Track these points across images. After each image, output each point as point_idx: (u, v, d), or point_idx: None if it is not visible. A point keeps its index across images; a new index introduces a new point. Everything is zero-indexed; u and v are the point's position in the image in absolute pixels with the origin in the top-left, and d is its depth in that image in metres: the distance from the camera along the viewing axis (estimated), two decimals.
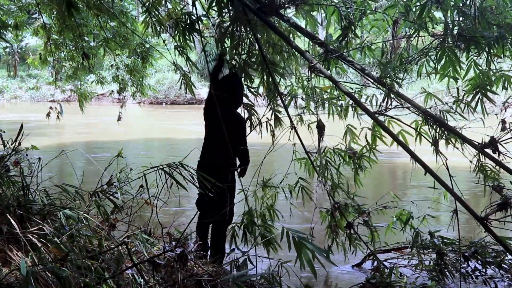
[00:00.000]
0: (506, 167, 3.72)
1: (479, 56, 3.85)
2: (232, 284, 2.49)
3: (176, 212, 5.08)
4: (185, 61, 4.82)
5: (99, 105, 25.41)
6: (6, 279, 2.33)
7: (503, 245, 3.77)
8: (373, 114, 3.87)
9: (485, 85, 3.78)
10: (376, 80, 4.05)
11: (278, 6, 4.27)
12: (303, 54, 4.25)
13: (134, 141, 13.80)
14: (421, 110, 3.99)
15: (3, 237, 2.63)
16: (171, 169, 2.75)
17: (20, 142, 3.41)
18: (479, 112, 3.83)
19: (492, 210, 3.65)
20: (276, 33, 4.37)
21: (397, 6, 3.98)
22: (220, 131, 3.87)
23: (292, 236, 2.52)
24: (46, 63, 7.39)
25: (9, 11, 6.98)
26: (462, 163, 4.02)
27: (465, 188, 5.66)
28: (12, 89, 31.51)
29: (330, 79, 4.08)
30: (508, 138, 3.68)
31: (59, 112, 6.69)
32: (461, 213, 3.81)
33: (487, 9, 3.73)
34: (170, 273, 2.88)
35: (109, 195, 3.38)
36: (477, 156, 3.91)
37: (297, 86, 4.50)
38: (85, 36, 6.69)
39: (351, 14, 4.28)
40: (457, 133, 3.88)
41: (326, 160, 4.21)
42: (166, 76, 27.38)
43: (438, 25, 4.13)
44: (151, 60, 7.16)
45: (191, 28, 4.49)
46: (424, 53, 4.00)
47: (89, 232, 2.95)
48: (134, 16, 10.76)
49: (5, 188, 3.04)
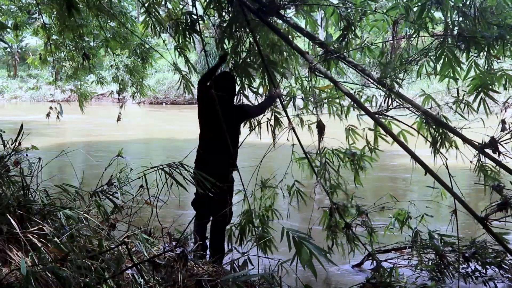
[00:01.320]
0: (506, 167, 3.72)
1: (479, 56, 3.85)
2: (232, 284, 2.49)
3: (176, 212, 5.08)
4: (184, 61, 4.83)
5: (99, 105, 25.41)
6: (6, 279, 2.33)
7: (503, 245, 3.77)
8: (373, 114, 3.87)
9: (487, 85, 3.77)
10: (376, 80, 4.05)
11: (278, 7, 4.27)
12: (303, 54, 4.25)
13: (134, 141, 13.80)
14: (421, 110, 3.99)
15: (3, 237, 2.63)
16: (171, 169, 2.75)
17: (20, 142, 3.42)
18: (480, 112, 3.83)
19: (492, 210, 3.65)
20: (276, 33, 4.37)
21: (397, 7, 3.98)
22: (219, 131, 3.87)
23: (292, 235, 2.52)
24: (46, 63, 7.40)
25: (9, 11, 6.99)
26: (462, 163, 4.02)
27: (465, 188, 5.66)
28: (12, 89, 31.51)
29: (330, 80, 4.08)
30: (508, 138, 3.69)
31: (59, 112, 6.70)
32: (461, 213, 3.81)
33: (487, 9, 3.73)
34: (170, 273, 2.88)
35: (109, 195, 3.37)
36: (477, 156, 3.91)
37: (296, 88, 4.50)
38: (85, 36, 6.70)
39: (350, 14, 4.29)
40: (457, 133, 3.88)
41: (325, 161, 4.20)
42: (166, 76, 27.37)
43: (438, 25, 4.13)
44: (151, 61, 7.17)
45: (191, 28, 4.49)
46: (424, 54, 4.00)
47: (89, 232, 2.95)
48: (134, 17, 10.75)
49: (5, 188, 3.05)
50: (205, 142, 4.07)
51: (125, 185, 3.44)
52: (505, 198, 3.64)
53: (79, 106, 7.51)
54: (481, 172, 3.93)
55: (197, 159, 4.04)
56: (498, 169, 3.85)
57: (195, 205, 4.17)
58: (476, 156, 3.89)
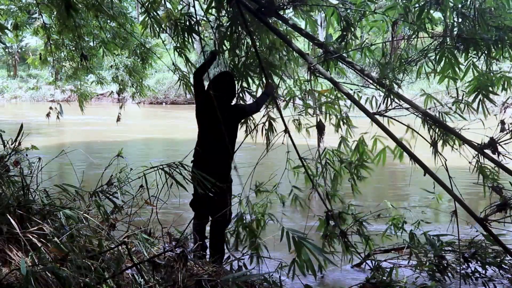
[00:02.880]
0: (505, 167, 3.72)
1: (478, 57, 3.85)
2: (232, 284, 2.49)
3: (176, 212, 5.08)
4: (184, 62, 4.83)
5: (99, 105, 25.40)
6: (6, 279, 2.33)
7: (502, 245, 3.78)
8: (372, 115, 3.87)
9: (486, 86, 3.78)
10: (376, 81, 4.06)
11: (277, 7, 4.28)
12: (302, 55, 4.26)
13: (134, 141, 13.79)
14: (420, 111, 4.00)
15: (3, 237, 2.63)
16: (171, 169, 2.76)
17: (20, 142, 3.42)
18: (480, 113, 3.84)
19: (492, 211, 3.65)
20: (275, 34, 4.38)
21: (396, 8, 3.98)
22: (218, 131, 3.88)
23: (292, 236, 2.53)
24: (46, 63, 7.40)
25: (9, 11, 6.99)
26: (462, 163, 4.03)
27: (465, 188, 5.65)
28: (12, 89, 31.50)
29: (330, 80, 4.08)
30: (508, 139, 3.69)
31: (59, 113, 6.70)
32: (461, 214, 3.81)
33: (486, 11, 3.73)
34: (170, 273, 2.88)
35: (109, 195, 3.38)
36: (477, 157, 3.92)
37: (295, 88, 4.50)
38: (84, 37, 6.69)
39: (350, 15, 4.29)
40: (456, 134, 3.89)
41: (325, 163, 4.18)
42: (166, 76, 27.34)
43: (437, 26, 4.14)
44: (151, 61, 7.17)
45: (190, 29, 4.50)
46: (424, 54, 4.00)
47: (89, 232, 2.95)
48: (134, 18, 10.75)
49: (5, 188, 3.05)
50: (204, 142, 4.07)
51: (125, 185, 3.44)
52: (504, 199, 3.65)
53: (79, 106, 7.51)
54: (480, 173, 3.94)
55: (196, 159, 4.05)
56: (498, 170, 3.86)
57: (194, 205, 4.17)
58: (475, 157, 3.90)
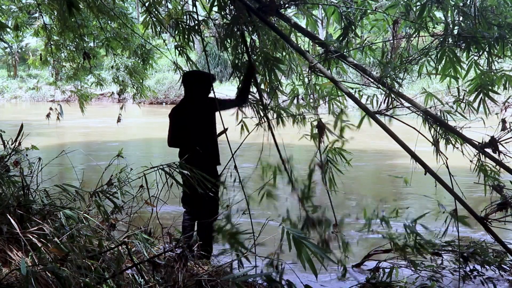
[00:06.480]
0: (506, 166, 3.71)
1: (479, 56, 3.84)
2: (232, 284, 2.49)
3: (176, 212, 5.08)
4: (185, 61, 4.83)
5: (99, 105, 25.38)
6: (6, 279, 2.33)
7: (503, 245, 3.76)
8: (373, 114, 3.86)
9: (486, 85, 3.77)
10: (377, 80, 4.05)
11: (278, 6, 4.27)
12: (303, 54, 4.25)
13: (134, 141, 13.79)
14: (421, 110, 3.99)
15: (3, 237, 2.63)
16: (171, 169, 2.76)
17: (20, 142, 3.42)
18: (480, 112, 3.83)
19: (492, 210, 3.65)
20: (276, 32, 4.37)
21: (397, 6, 3.98)
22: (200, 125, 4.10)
23: (292, 235, 2.52)
24: (46, 64, 7.39)
25: (9, 11, 6.98)
26: (462, 163, 4.02)
27: (465, 187, 5.63)
28: (12, 89, 31.51)
29: (331, 79, 4.08)
30: (508, 138, 3.68)
31: (59, 113, 6.69)
32: (461, 214, 3.80)
33: (488, 9, 3.73)
34: (170, 273, 2.88)
35: (109, 195, 3.37)
36: (478, 156, 3.91)
37: (300, 84, 4.49)
38: (85, 37, 6.69)
39: (351, 14, 4.28)
40: (457, 132, 3.88)
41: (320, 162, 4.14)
42: (166, 76, 27.35)
43: (438, 25, 4.13)
44: (152, 62, 7.16)
45: (192, 28, 4.50)
46: (425, 53, 4.00)
47: (89, 232, 2.95)
48: (134, 18, 10.73)
49: (5, 188, 3.05)
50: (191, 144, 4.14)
51: (125, 185, 3.44)
52: (504, 198, 3.64)
53: (80, 106, 7.50)
54: (481, 172, 3.93)
55: (183, 153, 4.08)
56: (498, 169, 3.85)
57: (185, 201, 4.20)
58: (476, 156, 3.89)
